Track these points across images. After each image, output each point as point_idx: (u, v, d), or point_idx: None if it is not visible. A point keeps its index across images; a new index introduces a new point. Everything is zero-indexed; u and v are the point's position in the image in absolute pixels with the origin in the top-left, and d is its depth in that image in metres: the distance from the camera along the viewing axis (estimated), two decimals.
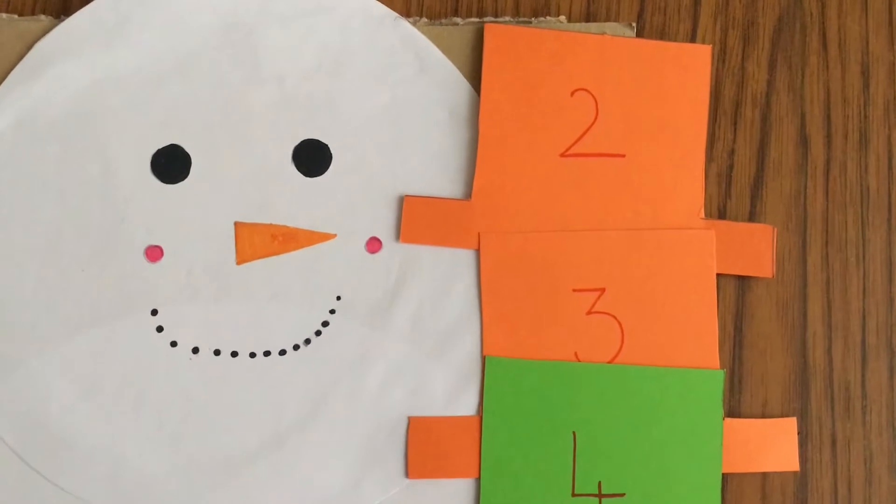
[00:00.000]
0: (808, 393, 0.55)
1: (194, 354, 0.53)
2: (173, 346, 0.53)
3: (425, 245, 0.54)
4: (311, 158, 0.55)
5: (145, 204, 0.54)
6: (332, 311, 0.54)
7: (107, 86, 0.54)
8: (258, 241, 0.54)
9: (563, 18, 0.56)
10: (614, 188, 0.55)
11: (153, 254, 0.53)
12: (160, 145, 0.54)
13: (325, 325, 0.54)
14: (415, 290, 0.54)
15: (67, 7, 0.56)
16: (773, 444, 0.54)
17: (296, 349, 0.53)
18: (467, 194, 0.55)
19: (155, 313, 0.53)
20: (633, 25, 0.56)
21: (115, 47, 0.55)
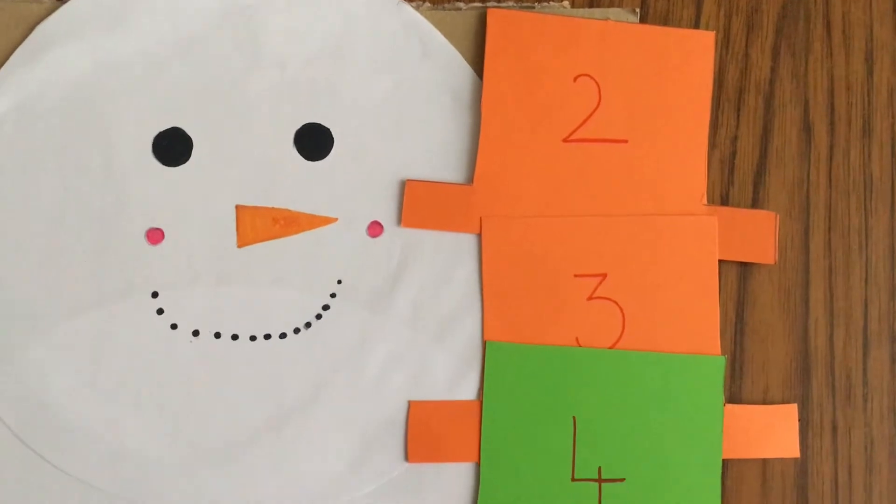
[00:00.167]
0: (809, 380, 0.55)
1: (195, 337, 0.53)
2: (174, 329, 0.53)
3: (427, 230, 0.54)
4: (312, 142, 0.54)
5: (146, 187, 0.54)
6: (333, 295, 0.54)
7: (108, 69, 0.54)
8: (259, 224, 0.54)
9: (566, 4, 0.56)
10: (617, 174, 0.54)
11: (154, 236, 0.53)
12: (162, 128, 0.54)
13: (325, 309, 0.54)
14: (416, 275, 0.54)
15: None
16: (774, 431, 0.54)
17: (296, 333, 0.53)
18: (469, 179, 0.55)
19: (155, 296, 0.53)
20: (637, 11, 0.56)
21: (117, 30, 0.54)
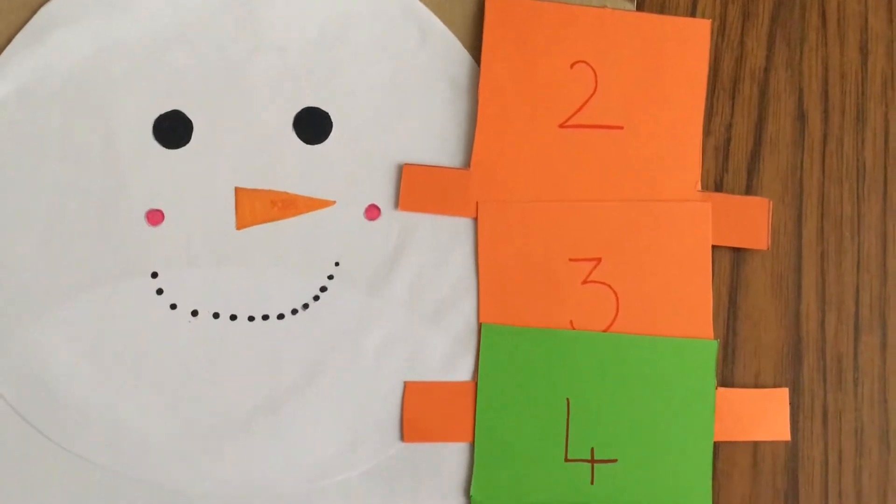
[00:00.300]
0: (800, 365, 0.55)
1: (193, 317, 0.54)
2: (173, 309, 0.53)
3: (424, 213, 0.55)
4: (311, 126, 0.55)
5: (147, 168, 0.54)
6: (331, 277, 0.54)
7: (110, 53, 0.55)
8: (258, 206, 0.54)
9: None
10: (612, 160, 0.55)
11: (154, 218, 0.54)
12: (162, 111, 0.54)
13: (323, 291, 0.54)
14: (413, 258, 0.54)
15: None
16: (765, 414, 0.54)
17: (294, 314, 0.54)
18: (466, 164, 0.55)
19: (155, 276, 0.54)
20: None
21: (119, 14, 0.55)
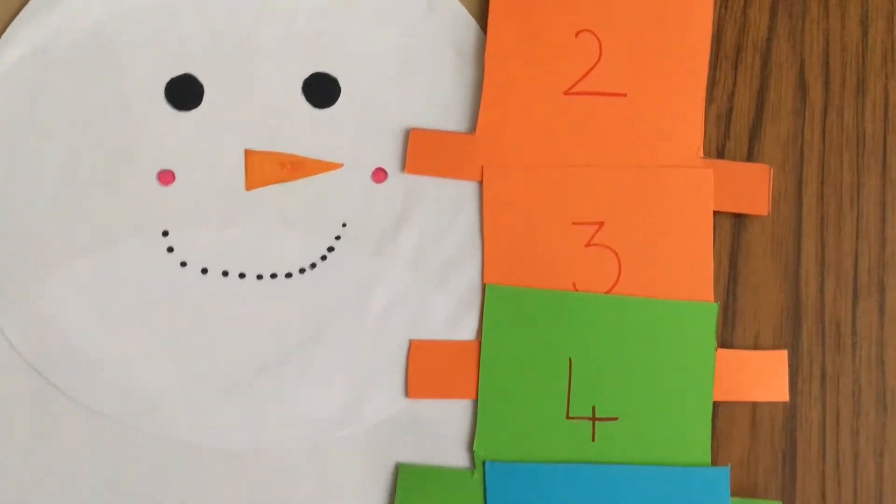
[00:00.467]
0: (799, 328, 0.56)
1: (203, 275, 0.54)
2: (183, 267, 0.54)
3: (430, 177, 0.55)
4: (320, 90, 0.56)
5: (158, 130, 0.55)
6: (338, 238, 0.55)
7: (123, 17, 0.55)
8: (267, 168, 0.55)
9: None
10: (616, 126, 0.56)
11: (165, 177, 0.55)
12: (174, 74, 0.55)
13: (330, 251, 0.55)
14: (419, 220, 0.55)
15: None
16: (764, 376, 0.55)
17: (301, 273, 0.55)
18: (472, 129, 0.56)
19: (166, 234, 0.55)
20: None
21: None
